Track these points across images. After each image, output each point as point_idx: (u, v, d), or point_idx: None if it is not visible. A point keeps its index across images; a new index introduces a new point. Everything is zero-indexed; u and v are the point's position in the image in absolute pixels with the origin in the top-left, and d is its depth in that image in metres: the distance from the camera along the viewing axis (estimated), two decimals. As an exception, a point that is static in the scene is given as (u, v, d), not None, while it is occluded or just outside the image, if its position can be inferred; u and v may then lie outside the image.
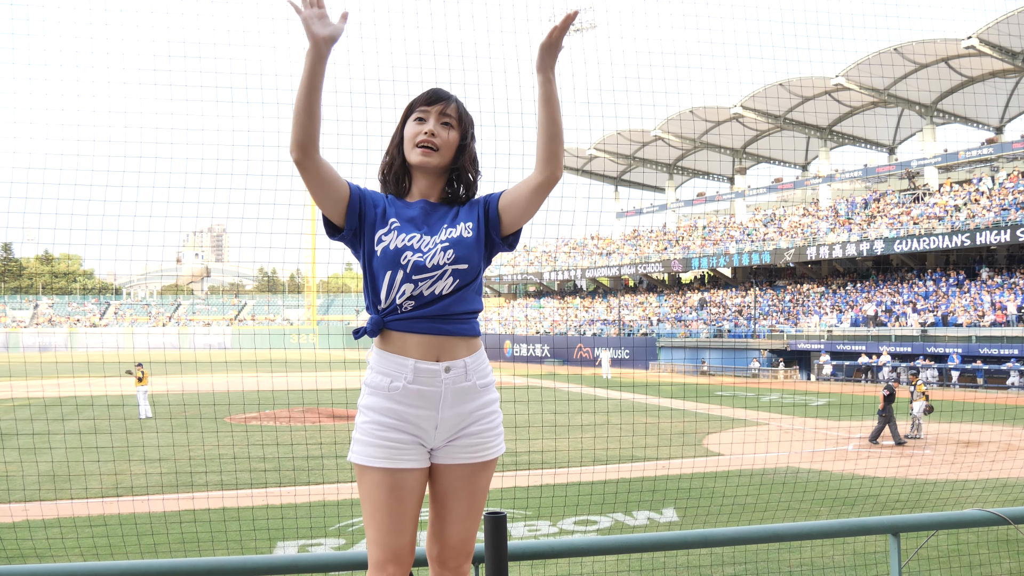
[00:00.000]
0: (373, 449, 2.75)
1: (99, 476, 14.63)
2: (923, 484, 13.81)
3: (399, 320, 2.78)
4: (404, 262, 2.75)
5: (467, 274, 2.81)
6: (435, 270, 2.76)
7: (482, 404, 2.86)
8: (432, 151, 2.84)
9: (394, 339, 2.79)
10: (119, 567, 3.61)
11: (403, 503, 2.74)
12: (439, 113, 2.86)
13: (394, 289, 2.76)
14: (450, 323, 2.80)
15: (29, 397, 27.50)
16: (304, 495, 12.97)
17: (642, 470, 15.08)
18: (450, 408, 2.79)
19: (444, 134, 2.86)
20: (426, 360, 2.76)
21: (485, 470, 2.88)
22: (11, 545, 9.70)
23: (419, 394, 2.76)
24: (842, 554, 9.11)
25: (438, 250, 2.77)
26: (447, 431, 2.81)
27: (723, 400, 28.59)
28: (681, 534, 3.96)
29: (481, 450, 2.85)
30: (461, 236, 2.83)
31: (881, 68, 43.05)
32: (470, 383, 2.82)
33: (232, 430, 21.04)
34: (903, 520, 4.19)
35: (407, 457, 2.76)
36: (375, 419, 2.77)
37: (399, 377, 2.76)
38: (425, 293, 2.76)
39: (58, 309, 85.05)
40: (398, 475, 2.74)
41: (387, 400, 2.77)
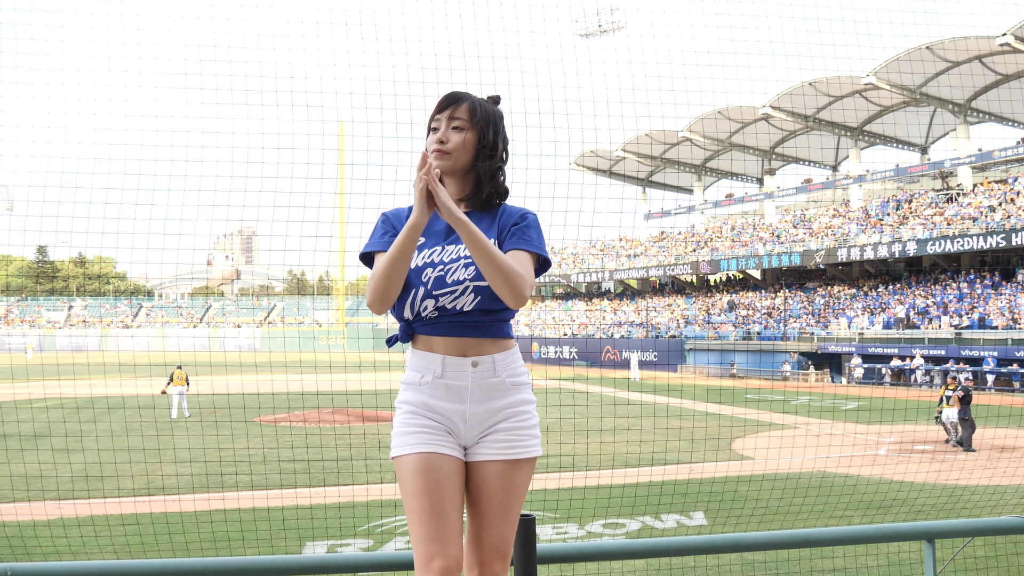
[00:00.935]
0: (406, 438, 2.79)
1: (131, 476, 14.77)
2: (958, 489, 13.64)
3: (425, 325, 2.85)
4: (425, 279, 2.81)
5: (489, 290, 2.79)
6: (455, 286, 2.80)
7: (513, 402, 2.87)
8: (445, 155, 2.85)
9: (423, 340, 2.86)
10: (151, 566, 3.63)
11: (442, 488, 2.73)
12: (448, 117, 2.87)
13: (417, 304, 2.82)
14: (477, 328, 2.84)
15: (62, 397, 27.82)
16: (333, 496, 13.03)
17: (671, 473, 15.01)
18: (478, 403, 2.83)
19: (455, 137, 2.86)
20: (453, 355, 2.82)
21: (518, 470, 2.85)
22: (46, 543, 9.82)
23: (447, 387, 2.81)
24: (876, 561, 9.02)
25: (459, 266, 2.81)
26: (477, 426, 2.83)
27: (752, 403, 28.41)
28: (711, 538, 3.94)
29: (512, 447, 2.84)
30: None
31: (912, 66, 42.59)
32: (499, 379, 2.85)
33: (262, 431, 21.17)
34: (938, 526, 4.14)
35: (439, 442, 2.78)
36: (410, 411, 2.83)
37: (428, 372, 2.83)
38: (448, 307, 2.81)
39: (91, 311, 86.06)
40: (432, 458, 2.75)
41: (419, 394, 2.83)
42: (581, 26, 67.52)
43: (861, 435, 20.43)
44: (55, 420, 22.14)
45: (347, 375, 20.97)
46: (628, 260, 63.34)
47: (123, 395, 26.97)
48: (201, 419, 22.84)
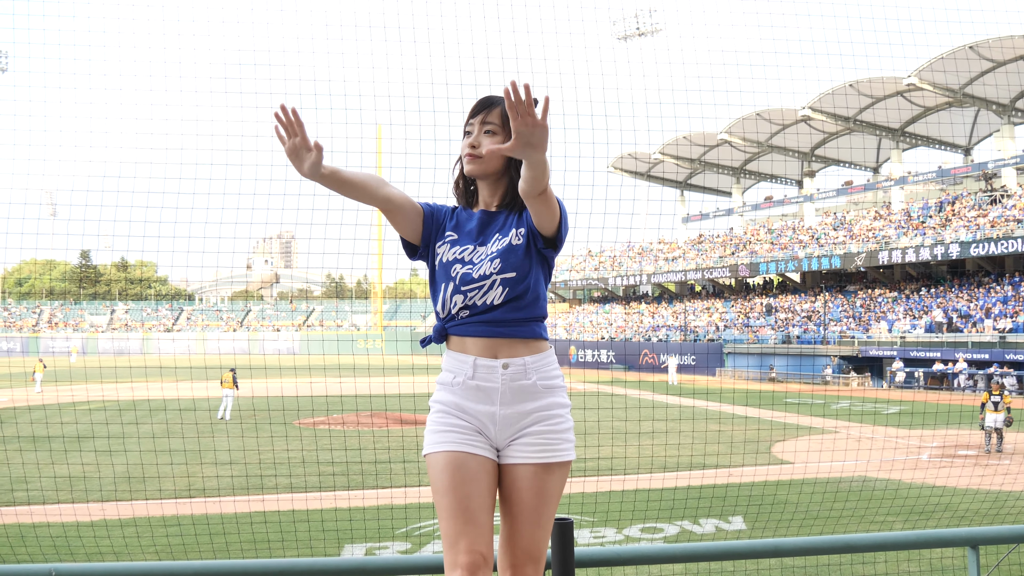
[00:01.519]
0: (437, 436, 2.81)
1: (172, 478, 14.94)
2: (1002, 495, 13.42)
3: (457, 326, 2.88)
4: (454, 274, 2.86)
5: (516, 283, 2.84)
6: (482, 280, 2.83)
7: (545, 405, 2.86)
8: (477, 159, 2.88)
9: (457, 341, 2.89)
10: (192, 567, 3.67)
11: (470, 486, 2.73)
12: (481, 122, 2.90)
13: (448, 300, 2.87)
14: (506, 327, 2.85)
15: (104, 400, 28.21)
16: (372, 498, 13.09)
17: (710, 477, 14.91)
18: (508, 405, 2.83)
19: (487, 141, 2.88)
20: (485, 357, 2.84)
21: (551, 474, 2.83)
22: (90, 543, 9.95)
23: (478, 388, 2.83)
24: (918, 567, 8.90)
25: (485, 261, 2.85)
26: (508, 429, 2.83)
27: (792, 407, 28.15)
28: (750, 543, 3.91)
29: (544, 450, 2.82)
30: (511, 244, 2.87)
31: (956, 65, 41.99)
32: (530, 382, 2.85)
33: (301, 434, 21.32)
34: (982, 533, 4.08)
35: (470, 442, 2.79)
36: (442, 410, 2.85)
37: (460, 373, 2.85)
38: (477, 303, 2.84)
39: (133, 315, 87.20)
40: (460, 457, 2.76)
41: (451, 394, 2.86)
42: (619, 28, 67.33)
43: (903, 439, 20.16)
44: (98, 422, 22.46)
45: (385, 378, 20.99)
46: (666, 263, 63.04)
47: (164, 398, 27.30)
48: (241, 421, 23.06)
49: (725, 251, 59.22)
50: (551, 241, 2.87)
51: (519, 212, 2.93)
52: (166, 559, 9.52)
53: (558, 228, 2.85)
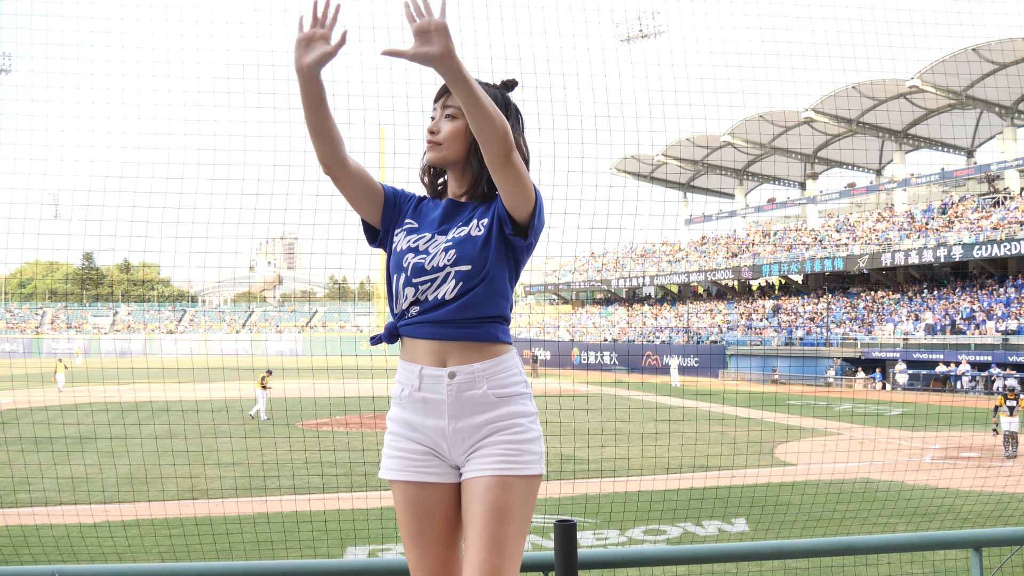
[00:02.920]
0: (391, 461, 2.62)
1: (175, 479, 14.95)
2: (1005, 497, 13.40)
3: (407, 325, 2.63)
4: (405, 265, 2.61)
5: (471, 276, 2.56)
6: (434, 272, 2.58)
7: (501, 415, 2.57)
8: (436, 146, 2.67)
9: (407, 346, 2.65)
10: (195, 568, 3.67)
11: (421, 520, 2.57)
12: (443, 105, 2.68)
13: (400, 294, 2.63)
14: (455, 327, 2.58)
15: (107, 402, 28.24)
16: (375, 500, 13.09)
17: (713, 479, 14.90)
18: (457, 419, 2.56)
19: (448, 126, 2.66)
20: (432, 366, 2.58)
21: (507, 488, 2.50)
22: (93, 545, 9.96)
23: (424, 402, 2.58)
24: (921, 569, 8.89)
25: (440, 251, 2.60)
26: (461, 444, 2.58)
27: (795, 409, 28.13)
28: (753, 545, 3.90)
29: (501, 462, 2.52)
30: (469, 235, 2.61)
31: (958, 68, 41.97)
32: (480, 391, 2.56)
33: (304, 435, 21.33)
34: (985, 535, 4.07)
35: (423, 469, 2.59)
36: (393, 430, 2.65)
37: (408, 385, 2.61)
38: (430, 298, 2.59)
39: (136, 316, 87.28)
40: (414, 489, 2.58)
41: (400, 410, 2.64)
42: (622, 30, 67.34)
43: (906, 441, 20.14)
44: (101, 424, 22.46)
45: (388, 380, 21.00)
46: (669, 265, 63.02)
47: (167, 399, 27.31)
48: (243, 422, 23.08)
49: (728, 253, 59.20)
50: (522, 228, 2.60)
51: (488, 203, 2.69)
52: (169, 560, 9.53)
53: (532, 214, 2.59)
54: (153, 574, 4.10)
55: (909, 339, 40.94)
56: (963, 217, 45.64)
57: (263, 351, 74.08)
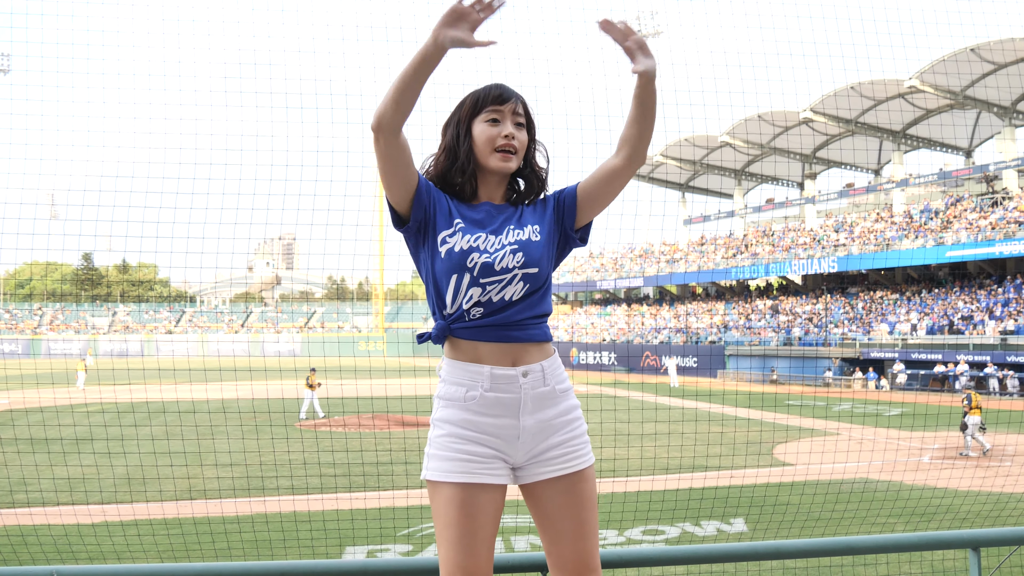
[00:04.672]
0: (449, 463, 2.61)
1: (173, 480, 14.94)
2: (1004, 497, 13.40)
3: (467, 328, 2.65)
4: (471, 264, 2.61)
5: (536, 279, 2.67)
6: (504, 273, 2.62)
7: (563, 411, 2.72)
8: (511, 155, 2.71)
9: (464, 347, 2.66)
10: (193, 569, 3.66)
11: (475, 521, 2.59)
12: (512, 113, 2.72)
13: (461, 294, 2.63)
14: (521, 329, 2.67)
15: (103, 403, 28.21)
16: (373, 500, 13.09)
17: (711, 479, 14.90)
18: (530, 415, 2.66)
19: (522, 135, 2.73)
20: (502, 366, 2.64)
21: (584, 481, 2.72)
22: (91, 545, 9.95)
23: (498, 402, 2.63)
24: (919, 569, 8.89)
25: (507, 252, 2.63)
26: (530, 442, 2.67)
27: (794, 409, 28.13)
28: (751, 545, 3.90)
29: (572, 459, 2.70)
30: (529, 239, 2.68)
31: (957, 67, 41.99)
32: (548, 388, 2.69)
33: (302, 436, 21.32)
34: (984, 535, 4.06)
35: (486, 471, 2.62)
36: (451, 432, 2.64)
37: (475, 386, 2.63)
38: (494, 299, 2.63)
39: (134, 316, 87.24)
40: (472, 491, 2.60)
41: (464, 411, 2.64)
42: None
43: (904, 441, 20.14)
44: (98, 424, 22.46)
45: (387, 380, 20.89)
46: (667, 265, 63.02)
47: (163, 400, 27.29)
48: (241, 423, 23.05)
49: (727, 253, 59.20)
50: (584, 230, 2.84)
51: (531, 207, 2.81)
52: (167, 561, 9.52)
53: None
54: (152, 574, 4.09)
55: (907, 339, 40.96)
56: (962, 217, 45.65)
57: (261, 352, 74.10)
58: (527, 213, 2.78)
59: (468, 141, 2.73)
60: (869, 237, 49.35)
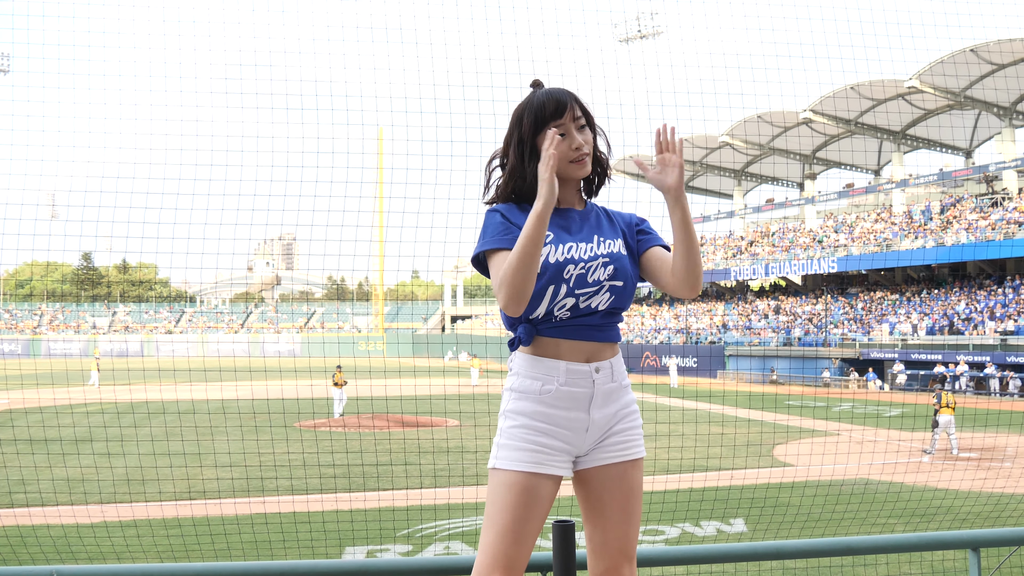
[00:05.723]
0: (522, 454, 2.69)
1: (172, 480, 14.94)
2: (1004, 498, 13.41)
3: (553, 327, 2.74)
4: (567, 276, 2.70)
5: (622, 291, 2.78)
6: (595, 285, 2.73)
7: (625, 404, 2.84)
8: (585, 160, 2.79)
9: (546, 344, 2.75)
10: (193, 569, 3.66)
11: (531, 510, 2.67)
12: (573, 119, 2.77)
13: (556, 302, 2.71)
14: (602, 331, 2.79)
15: (102, 403, 28.20)
16: (373, 500, 13.09)
17: (711, 480, 14.90)
18: (599, 409, 2.76)
19: (587, 137, 2.79)
20: (577, 362, 2.74)
21: (635, 469, 2.82)
22: (91, 545, 9.95)
23: (571, 396, 2.73)
24: (919, 569, 8.89)
25: (598, 264, 2.74)
26: (597, 433, 2.77)
27: (794, 410, 28.13)
28: (751, 546, 3.90)
29: (628, 448, 2.81)
30: (620, 252, 2.81)
31: (956, 68, 42.00)
32: (616, 384, 2.80)
33: (302, 436, 21.32)
34: (983, 535, 4.06)
35: (552, 463, 2.72)
36: (526, 423, 2.72)
37: (551, 380, 2.73)
38: (581, 306, 2.72)
39: (134, 316, 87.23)
40: (538, 481, 2.68)
41: (538, 404, 2.73)
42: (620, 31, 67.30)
43: (904, 442, 20.15)
44: (97, 425, 22.46)
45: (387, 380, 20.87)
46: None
47: (163, 400, 27.28)
48: (241, 423, 23.06)
49: (727, 253, 59.22)
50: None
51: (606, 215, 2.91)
52: (167, 561, 9.52)
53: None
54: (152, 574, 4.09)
55: (907, 340, 40.96)
56: (961, 217, 45.67)
57: (261, 352, 74.10)
58: (605, 224, 2.87)
59: (536, 161, 2.76)
60: (869, 237, 49.36)
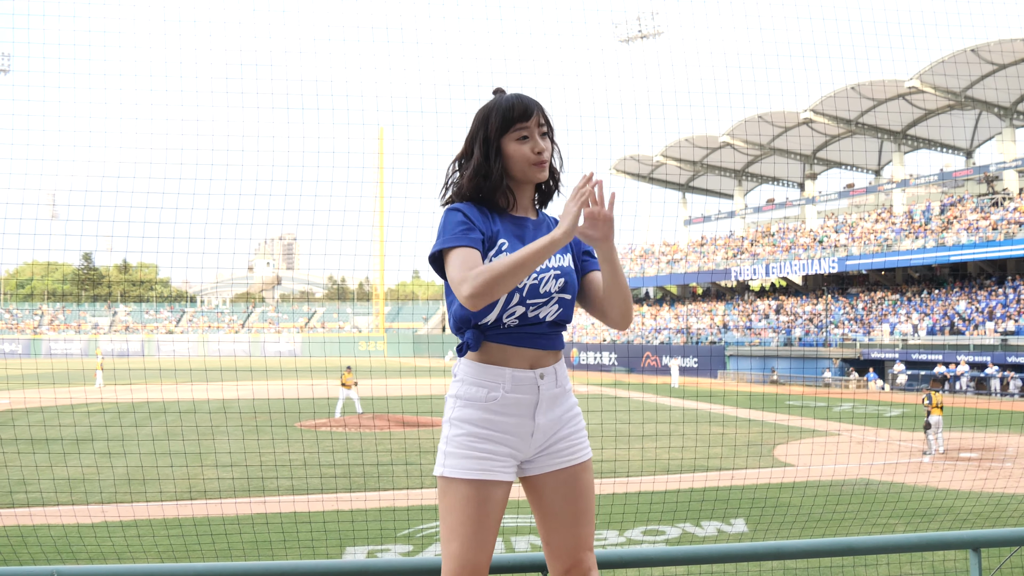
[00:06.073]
0: (468, 461, 2.73)
1: (173, 480, 14.94)
2: (1005, 498, 13.40)
3: (501, 334, 2.77)
4: (520, 285, 2.73)
5: (569, 304, 2.85)
6: (545, 297, 2.77)
7: (568, 407, 2.89)
8: (545, 165, 2.83)
9: (492, 350, 2.78)
10: (194, 569, 3.66)
11: (489, 517, 2.72)
12: (537, 124, 2.81)
13: (507, 310, 2.74)
14: (548, 339, 2.84)
15: (103, 403, 28.21)
16: (374, 501, 13.08)
17: (712, 480, 14.90)
18: (544, 414, 2.80)
19: (547, 145, 2.83)
20: (522, 368, 2.78)
21: (585, 471, 2.89)
22: (91, 545, 9.95)
23: (517, 402, 2.76)
24: (920, 570, 8.88)
25: (550, 276, 2.78)
26: (541, 438, 2.81)
27: (795, 410, 28.12)
28: (752, 546, 3.90)
29: (575, 452, 2.86)
30: (569, 267, 2.86)
31: (957, 68, 41.98)
32: (560, 389, 2.86)
33: (302, 436, 21.32)
34: (984, 535, 4.06)
35: (500, 469, 2.75)
36: (471, 431, 2.75)
37: (497, 387, 2.76)
38: (529, 315, 2.77)
39: (135, 316, 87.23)
40: (489, 487, 2.73)
41: (484, 411, 2.76)
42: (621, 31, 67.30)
43: (905, 442, 20.15)
44: (98, 425, 22.45)
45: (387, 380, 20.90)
46: (668, 266, 63.02)
47: (163, 400, 27.27)
48: (242, 423, 23.06)
49: (727, 253, 59.20)
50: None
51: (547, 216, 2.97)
52: (168, 561, 9.52)
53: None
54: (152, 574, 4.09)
55: (908, 340, 40.95)
56: (962, 218, 45.66)
57: (262, 352, 74.09)
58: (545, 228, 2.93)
59: (500, 160, 2.82)
60: (869, 238, 49.35)
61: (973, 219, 44.51)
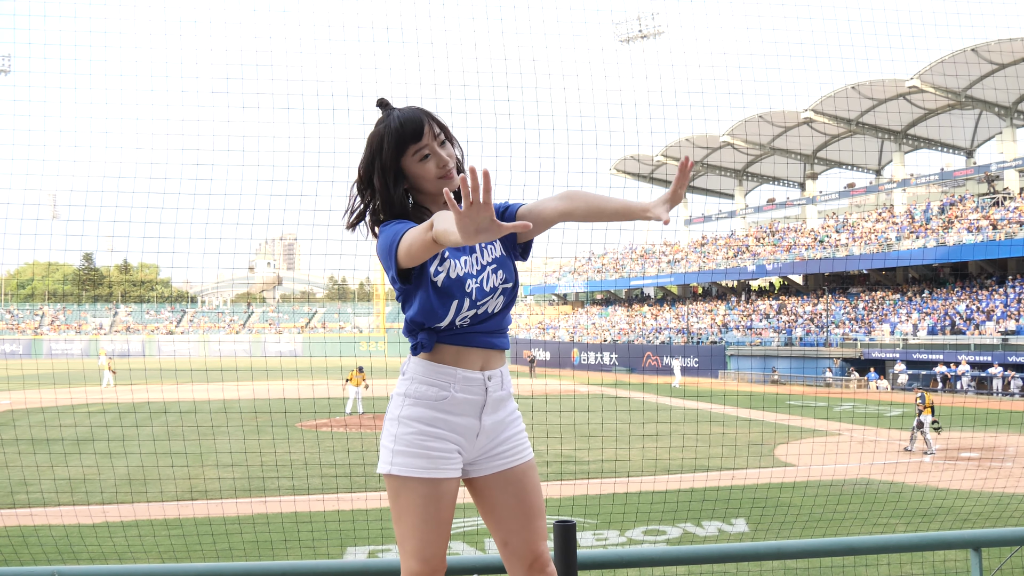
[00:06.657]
0: (421, 460, 2.75)
1: (174, 480, 14.94)
2: (1005, 497, 13.40)
3: (453, 335, 2.80)
4: (468, 290, 2.74)
5: (512, 291, 2.87)
6: (492, 292, 2.80)
7: (511, 410, 2.95)
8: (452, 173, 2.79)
9: (444, 351, 2.80)
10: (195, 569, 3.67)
11: (443, 513, 2.77)
12: (433, 137, 2.77)
13: (460, 314, 2.76)
14: (497, 337, 2.88)
15: (104, 403, 28.21)
16: (375, 501, 13.08)
17: (713, 479, 14.90)
18: (489, 416, 2.85)
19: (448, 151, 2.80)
20: (472, 369, 2.81)
21: (531, 469, 2.95)
22: (92, 546, 9.95)
23: (465, 403, 2.80)
24: (921, 570, 8.89)
25: (488, 272, 2.80)
26: (485, 440, 2.86)
27: (795, 410, 28.12)
28: (752, 545, 3.90)
29: (519, 451, 2.92)
30: (502, 255, 2.86)
31: (957, 68, 41.97)
32: (504, 391, 2.91)
33: (303, 436, 21.32)
34: (985, 535, 4.06)
35: (448, 466, 2.78)
36: (420, 430, 2.77)
37: (447, 387, 2.79)
38: (480, 312, 2.80)
39: (136, 317, 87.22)
40: (442, 484, 2.76)
41: (434, 410, 2.78)
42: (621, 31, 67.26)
43: (905, 442, 20.14)
44: (99, 425, 22.45)
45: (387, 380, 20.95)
46: (668, 266, 63.01)
47: (164, 400, 27.28)
48: (242, 423, 23.06)
49: (728, 253, 59.18)
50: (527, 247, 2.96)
51: None
52: (168, 561, 9.52)
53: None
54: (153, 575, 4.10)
55: (909, 339, 40.94)
56: (963, 217, 45.64)
57: (262, 352, 74.05)
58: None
59: (402, 184, 2.79)
60: (870, 237, 49.33)
61: (974, 219, 44.49)
